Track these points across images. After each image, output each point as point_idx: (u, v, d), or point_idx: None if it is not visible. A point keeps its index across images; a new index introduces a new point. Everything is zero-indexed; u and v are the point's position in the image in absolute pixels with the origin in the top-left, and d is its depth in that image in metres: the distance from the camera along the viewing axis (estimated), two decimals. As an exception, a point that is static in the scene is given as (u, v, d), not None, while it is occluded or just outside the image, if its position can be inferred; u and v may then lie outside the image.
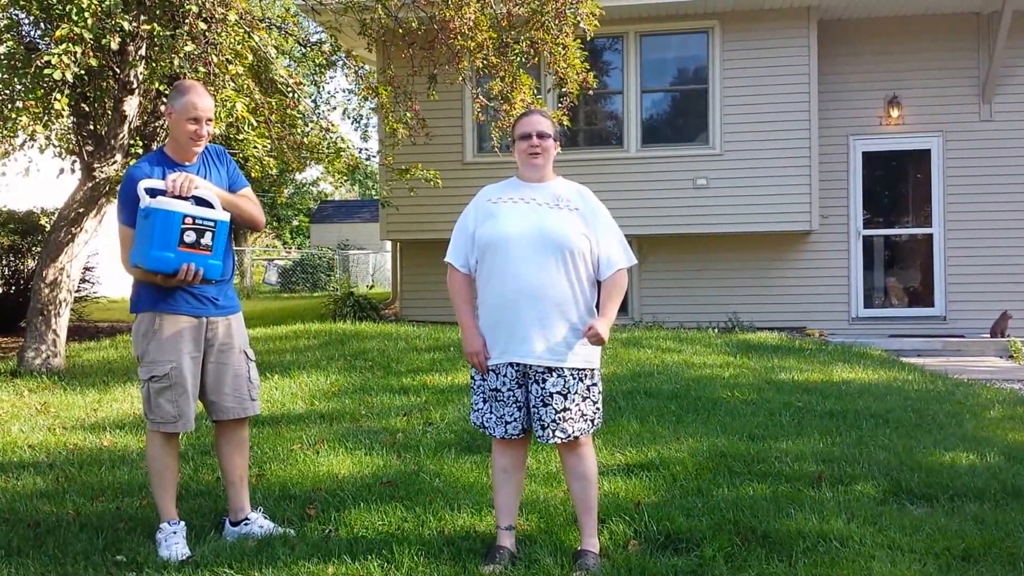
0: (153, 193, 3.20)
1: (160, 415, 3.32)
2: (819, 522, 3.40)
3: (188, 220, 3.17)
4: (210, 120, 3.35)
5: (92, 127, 7.55)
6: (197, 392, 3.40)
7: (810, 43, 10.06)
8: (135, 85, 7.18)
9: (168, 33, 6.42)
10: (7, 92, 6.42)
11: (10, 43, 6.49)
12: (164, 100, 7.51)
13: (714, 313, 10.37)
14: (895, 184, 11.06)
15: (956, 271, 10.46)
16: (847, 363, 7.36)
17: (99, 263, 11.25)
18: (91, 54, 6.06)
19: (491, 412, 3.14)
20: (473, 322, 3.15)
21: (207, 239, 3.21)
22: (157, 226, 3.13)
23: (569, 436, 3.06)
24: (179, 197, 3.20)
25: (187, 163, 3.38)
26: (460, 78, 8.66)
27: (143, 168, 3.34)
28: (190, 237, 3.17)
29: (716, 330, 9.51)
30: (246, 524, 3.47)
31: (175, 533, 3.31)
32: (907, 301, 10.81)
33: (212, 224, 3.23)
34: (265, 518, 3.53)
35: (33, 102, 6.18)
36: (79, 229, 7.50)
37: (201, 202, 3.26)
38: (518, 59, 8.16)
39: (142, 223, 3.18)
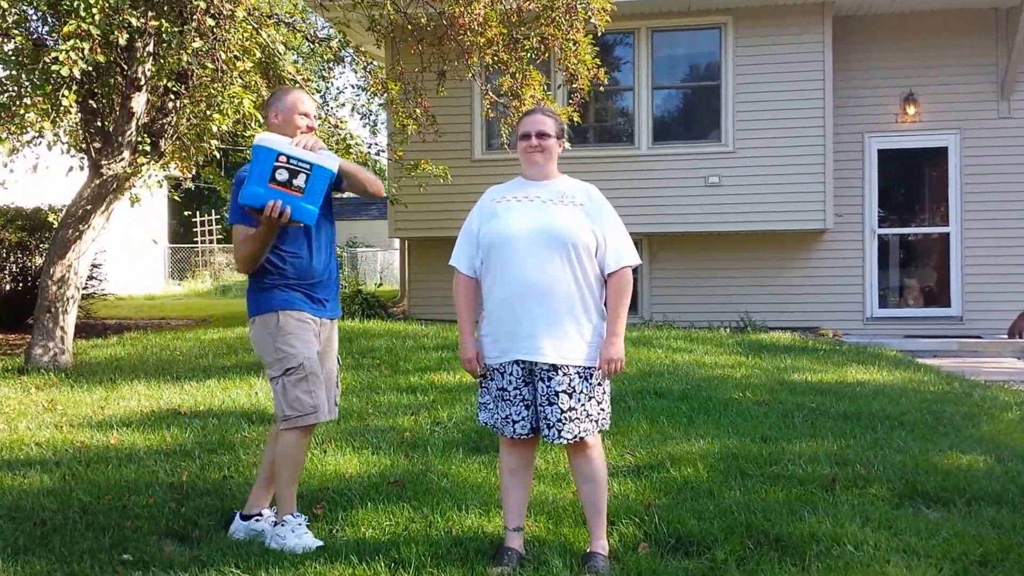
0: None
1: (299, 408, 3.31)
2: (833, 525, 3.35)
3: (282, 159, 3.20)
4: (314, 116, 3.46)
5: (100, 124, 7.54)
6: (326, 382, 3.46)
7: (825, 39, 9.95)
8: (143, 82, 7.16)
9: (176, 29, 6.40)
10: (15, 88, 6.41)
11: (18, 39, 6.48)
12: (172, 96, 7.51)
13: (726, 313, 10.28)
14: (911, 182, 10.94)
15: (973, 271, 10.33)
16: (861, 364, 7.29)
17: (107, 260, 11.26)
18: (99, 50, 6.04)
19: (498, 412, 3.11)
20: (470, 330, 3.16)
21: (300, 180, 3.21)
22: (257, 162, 3.21)
23: (575, 436, 3.02)
24: None
25: None
26: (469, 74, 8.61)
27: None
28: (282, 175, 3.20)
29: (728, 330, 9.43)
30: (257, 520, 3.47)
31: (300, 525, 3.31)
32: (923, 301, 10.70)
33: (308, 167, 3.23)
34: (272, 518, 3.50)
35: (41, 98, 6.17)
36: (87, 226, 7.49)
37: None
38: (528, 55, 8.11)
39: (250, 163, 3.28)
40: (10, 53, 6.51)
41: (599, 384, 3.08)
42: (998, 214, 10.27)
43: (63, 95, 6.06)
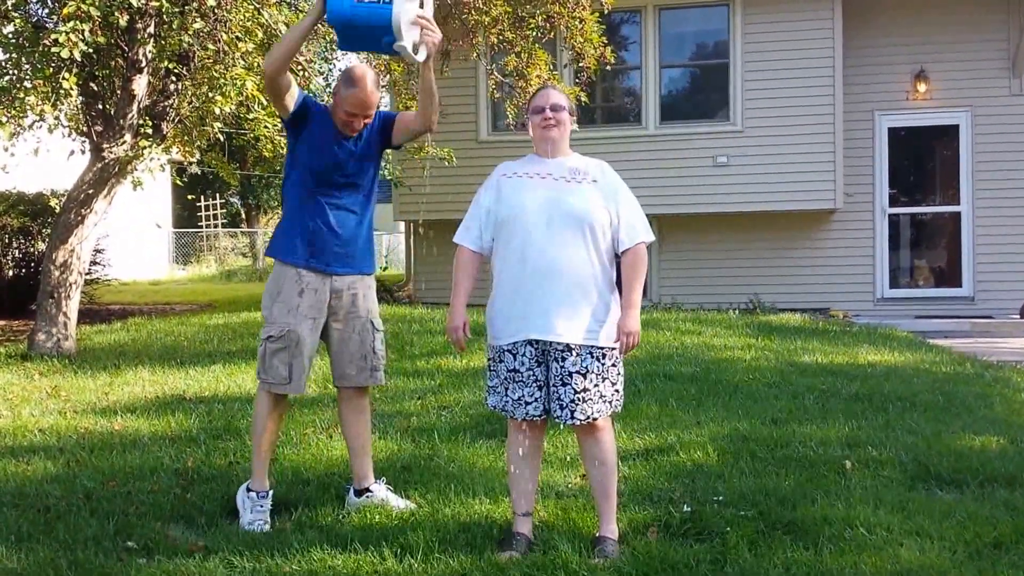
0: None
1: (271, 375, 3.40)
2: (845, 508, 3.32)
3: None
4: (368, 117, 3.44)
5: (101, 107, 7.47)
6: None
7: (834, 15, 9.81)
8: (144, 64, 7.08)
9: (177, 10, 6.32)
10: (15, 72, 6.35)
11: (18, 21, 6.40)
12: (174, 78, 7.43)
13: (735, 294, 10.22)
14: (922, 161, 10.82)
15: (985, 250, 10.23)
16: (872, 345, 7.23)
17: (110, 245, 11.20)
18: (99, 32, 5.97)
19: (509, 394, 3.05)
20: (463, 300, 3.12)
21: None
22: None
23: (588, 417, 2.98)
24: None
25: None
26: (474, 54, 8.52)
27: None
28: None
29: (737, 312, 9.37)
30: (368, 496, 3.51)
31: (262, 507, 3.36)
32: (934, 281, 10.62)
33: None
34: (388, 490, 3.55)
35: (41, 81, 6.10)
36: (89, 210, 7.43)
37: None
38: (534, 34, 8.02)
39: None
40: (9, 36, 6.43)
41: (613, 365, 3.04)
42: (1010, 193, 10.15)
43: (63, 78, 5.99)
